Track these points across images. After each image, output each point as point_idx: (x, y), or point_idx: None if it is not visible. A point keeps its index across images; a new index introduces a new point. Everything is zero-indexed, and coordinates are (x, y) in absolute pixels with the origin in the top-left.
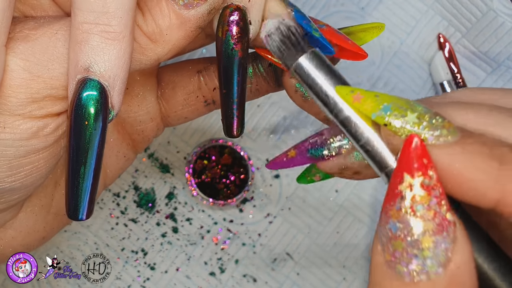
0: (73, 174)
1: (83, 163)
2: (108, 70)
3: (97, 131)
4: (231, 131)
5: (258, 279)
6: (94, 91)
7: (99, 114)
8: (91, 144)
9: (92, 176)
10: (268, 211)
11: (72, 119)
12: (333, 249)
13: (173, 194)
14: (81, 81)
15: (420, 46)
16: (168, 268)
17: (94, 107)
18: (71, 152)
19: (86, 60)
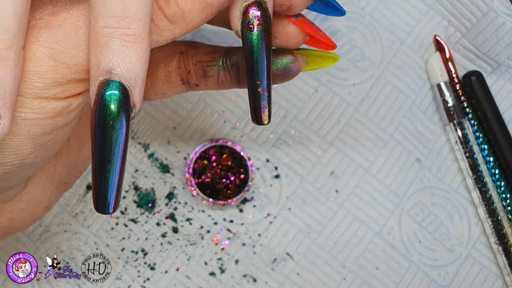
0: (100, 172)
1: (109, 160)
2: (129, 71)
3: (121, 130)
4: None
5: (258, 279)
6: (117, 91)
7: (123, 113)
8: (116, 143)
9: (118, 172)
10: (268, 211)
11: (96, 119)
12: (333, 249)
13: (173, 194)
14: (104, 83)
15: (420, 46)
16: (168, 268)
17: (117, 107)
18: (97, 151)
19: (108, 63)
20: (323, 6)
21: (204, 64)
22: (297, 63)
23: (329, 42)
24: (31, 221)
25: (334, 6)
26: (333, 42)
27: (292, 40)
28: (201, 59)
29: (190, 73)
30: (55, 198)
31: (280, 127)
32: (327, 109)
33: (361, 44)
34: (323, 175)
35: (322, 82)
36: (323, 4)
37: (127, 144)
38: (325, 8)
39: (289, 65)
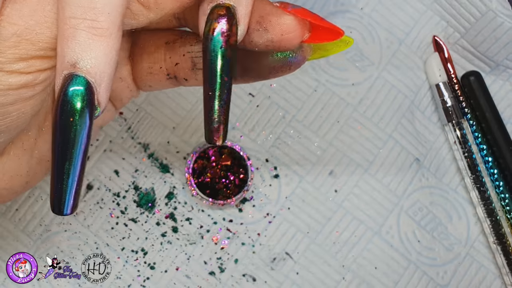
0: (58, 170)
1: (67, 159)
2: (94, 66)
3: (82, 127)
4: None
5: (258, 279)
6: (81, 87)
7: (85, 110)
8: (76, 140)
9: (77, 172)
10: (268, 211)
11: (57, 114)
12: (332, 249)
13: (173, 194)
14: (68, 77)
15: (419, 46)
16: (168, 268)
17: (80, 103)
18: (56, 148)
19: (73, 56)
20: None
21: (193, 55)
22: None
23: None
24: (9, 194)
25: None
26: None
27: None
28: (189, 49)
29: (178, 65)
30: (37, 175)
31: (279, 127)
32: (326, 109)
33: (360, 44)
34: (322, 174)
35: (321, 82)
36: None
37: (88, 144)
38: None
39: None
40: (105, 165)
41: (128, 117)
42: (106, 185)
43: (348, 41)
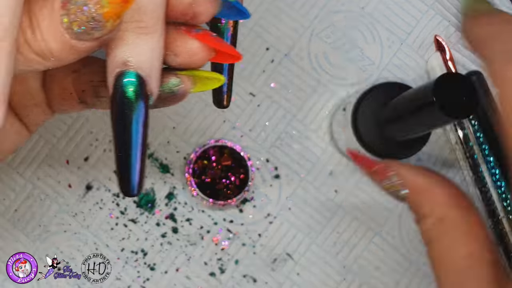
0: (123, 156)
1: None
2: (144, 62)
3: (139, 114)
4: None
5: (258, 280)
6: (133, 78)
7: (139, 98)
8: (135, 128)
9: (140, 155)
10: (268, 212)
11: (115, 105)
12: (332, 249)
13: (173, 195)
14: (120, 73)
15: (421, 46)
16: (168, 269)
17: (134, 91)
18: (118, 138)
19: (123, 56)
20: (227, 11)
21: (94, 84)
22: (184, 84)
23: (234, 52)
24: None
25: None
26: (238, 52)
27: (194, 57)
28: (91, 78)
29: (84, 92)
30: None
31: (280, 126)
32: (326, 109)
33: (361, 44)
34: (322, 175)
35: (321, 82)
36: (227, 9)
37: (146, 131)
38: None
39: (174, 87)
40: (105, 165)
41: None
42: (106, 186)
43: (220, 79)
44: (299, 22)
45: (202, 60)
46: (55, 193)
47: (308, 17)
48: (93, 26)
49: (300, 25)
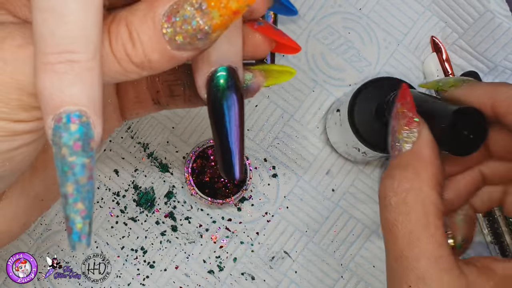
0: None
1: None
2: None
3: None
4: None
5: (256, 277)
6: (224, 71)
7: (231, 86)
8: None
9: (238, 140)
10: (266, 210)
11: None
12: (330, 247)
13: (172, 193)
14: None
15: (417, 47)
16: (167, 266)
17: (225, 80)
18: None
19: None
20: (279, 7)
21: (170, 84)
22: (257, 78)
23: (294, 45)
24: (8, 238)
25: (287, 7)
26: (297, 44)
27: (259, 49)
28: (166, 78)
29: (159, 92)
30: (33, 215)
31: (277, 126)
32: (323, 109)
33: (358, 45)
34: (319, 174)
35: (318, 82)
36: (278, 4)
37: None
38: (280, 8)
39: (248, 82)
40: (105, 164)
41: None
42: (106, 185)
43: (292, 71)
44: (296, 23)
45: (265, 51)
46: None
47: (305, 19)
48: (199, 38)
49: (297, 26)
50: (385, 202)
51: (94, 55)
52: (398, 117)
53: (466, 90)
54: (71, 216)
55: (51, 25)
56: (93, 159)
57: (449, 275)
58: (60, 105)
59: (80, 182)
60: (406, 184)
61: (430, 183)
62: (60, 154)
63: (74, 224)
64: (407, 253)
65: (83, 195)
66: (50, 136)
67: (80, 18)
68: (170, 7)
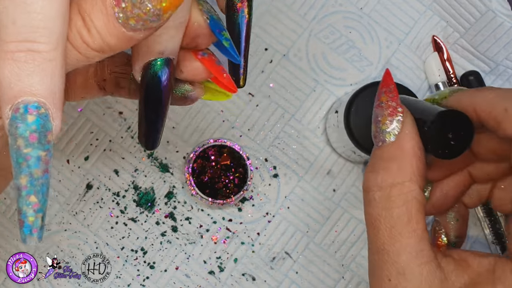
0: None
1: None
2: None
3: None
4: None
5: (257, 278)
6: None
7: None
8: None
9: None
10: (267, 210)
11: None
12: (331, 248)
13: (173, 194)
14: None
15: (419, 46)
16: (168, 267)
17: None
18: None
19: (160, 48)
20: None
21: (117, 75)
22: (196, 91)
23: (231, 85)
24: None
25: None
26: (234, 86)
27: (197, 76)
28: (114, 69)
29: (105, 80)
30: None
31: (278, 126)
32: (324, 109)
33: (359, 44)
34: (320, 174)
35: (319, 82)
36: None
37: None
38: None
39: (188, 92)
40: (105, 164)
41: (128, 116)
42: (106, 185)
43: (228, 94)
44: (297, 22)
45: (202, 79)
46: (55, 192)
47: (306, 18)
48: (151, 20)
49: (298, 26)
50: (369, 196)
51: (56, 46)
52: (381, 106)
53: (455, 99)
54: (23, 209)
55: (12, 13)
56: (50, 152)
57: (428, 268)
58: (19, 94)
59: (34, 175)
60: (389, 179)
61: (413, 178)
62: (16, 145)
63: (26, 217)
64: (389, 247)
65: (37, 188)
66: (6, 126)
67: (43, 7)
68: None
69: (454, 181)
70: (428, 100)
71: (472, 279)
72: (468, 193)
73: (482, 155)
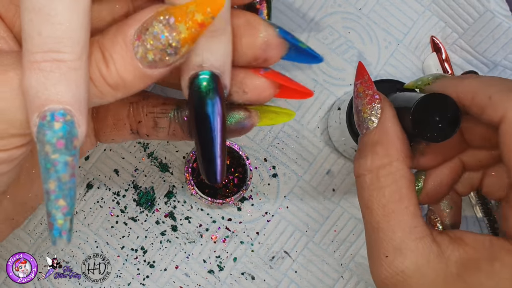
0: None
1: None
2: (217, 61)
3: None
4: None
5: (256, 277)
6: (207, 75)
7: (215, 90)
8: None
9: (220, 144)
10: (266, 210)
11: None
12: (330, 247)
13: (172, 193)
14: (195, 75)
15: (417, 47)
16: (167, 266)
17: (208, 84)
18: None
19: (199, 60)
20: (298, 54)
21: (155, 116)
22: (251, 118)
23: (305, 89)
24: None
25: (310, 54)
26: (308, 89)
27: (263, 94)
28: (151, 110)
29: (140, 123)
30: (3, 234)
31: (277, 126)
32: (323, 109)
33: (358, 45)
34: (320, 174)
35: (319, 82)
36: (298, 53)
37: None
38: (301, 56)
39: (242, 120)
40: (105, 164)
41: None
42: (106, 184)
43: (290, 113)
44: (296, 23)
45: (269, 96)
46: None
47: (305, 19)
48: (169, 53)
49: (297, 26)
50: (360, 180)
51: (80, 56)
52: (359, 96)
53: (438, 85)
54: (52, 212)
55: (38, 25)
56: (76, 157)
57: (424, 243)
58: (45, 103)
59: (62, 179)
60: (377, 161)
61: (399, 157)
62: (44, 151)
63: (55, 220)
64: (383, 225)
65: (65, 192)
66: (34, 133)
67: (66, 19)
68: (140, 27)
69: (447, 169)
70: (410, 86)
71: (468, 254)
72: (460, 181)
73: (474, 142)
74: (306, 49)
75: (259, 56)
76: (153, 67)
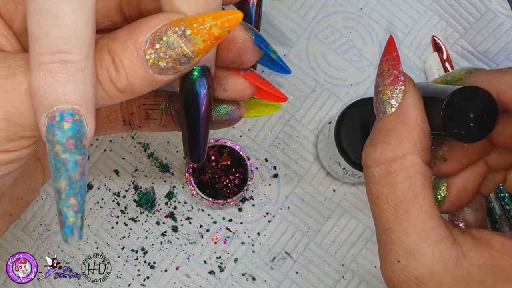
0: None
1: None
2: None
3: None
4: None
5: (257, 278)
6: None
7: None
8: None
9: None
10: (267, 210)
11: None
12: (331, 248)
13: (173, 194)
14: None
15: (418, 46)
16: (168, 267)
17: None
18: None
19: None
20: (270, 63)
21: (147, 107)
22: (239, 110)
23: (280, 94)
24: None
25: (279, 65)
26: (283, 94)
27: (242, 93)
28: (144, 102)
29: (133, 114)
30: (2, 230)
31: (278, 126)
32: (324, 109)
33: (359, 45)
34: (320, 174)
35: (320, 82)
36: (270, 61)
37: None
38: (272, 65)
39: (230, 111)
40: (105, 164)
41: None
42: (106, 185)
43: (277, 106)
44: (297, 23)
45: (248, 95)
46: None
47: (306, 18)
48: (182, 62)
49: (298, 26)
50: (368, 172)
51: (87, 56)
52: (382, 75)
53: (473, 81)
54: (64, 211)
55: (45, 26)
56: (86, 156)
57: (441, 246)
58: (54, 103)
59: (72, 178)
60: (389, 153)
61: (415, 150)
62: (54, 151)
63: (66, 218)
64: (395, 226)
65: (76, 190)
66: (43, 133)
67: (73, 20)
68: (153, 35)
69: (471, 173)
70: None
71: (495, 260)
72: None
73: (504, 143)
74: (276, 59)
75: (235, 60)
76: (164, 73)
